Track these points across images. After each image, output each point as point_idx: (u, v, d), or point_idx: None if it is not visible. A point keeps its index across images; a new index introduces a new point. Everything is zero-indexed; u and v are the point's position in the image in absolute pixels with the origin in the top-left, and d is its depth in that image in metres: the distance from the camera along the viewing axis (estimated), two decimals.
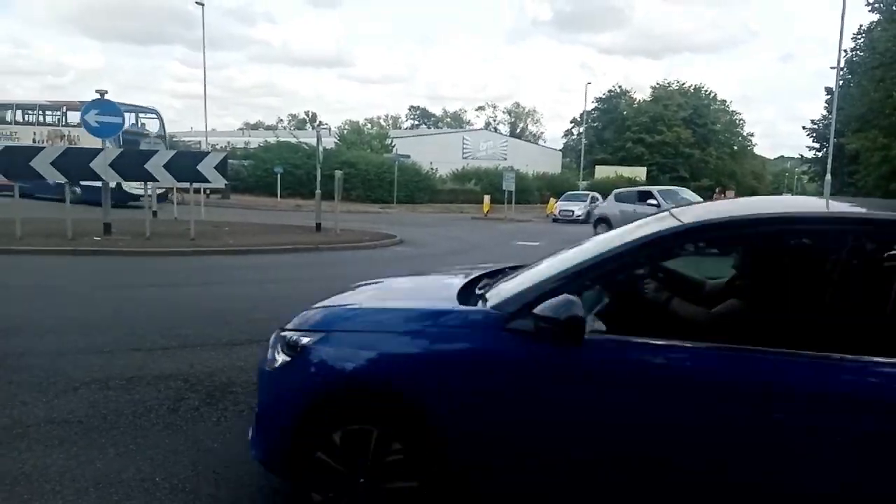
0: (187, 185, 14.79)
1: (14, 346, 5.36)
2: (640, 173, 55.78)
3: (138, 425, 3.88)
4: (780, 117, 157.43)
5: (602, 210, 20.96)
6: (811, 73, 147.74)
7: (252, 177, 35.75)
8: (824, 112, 42.28)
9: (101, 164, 12.67)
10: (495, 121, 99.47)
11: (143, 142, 21.72)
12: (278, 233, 16.02)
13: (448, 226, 23.83)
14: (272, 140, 39.42)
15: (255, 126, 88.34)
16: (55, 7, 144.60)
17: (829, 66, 32.80)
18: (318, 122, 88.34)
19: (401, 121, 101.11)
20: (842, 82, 30.98)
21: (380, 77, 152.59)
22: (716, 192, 38.02)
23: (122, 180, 13.39)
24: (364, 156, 39.26)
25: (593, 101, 70.60)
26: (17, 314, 6.61)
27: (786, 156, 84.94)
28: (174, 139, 37.03)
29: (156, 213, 16.67)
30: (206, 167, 13.73)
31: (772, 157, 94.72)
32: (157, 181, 13.72)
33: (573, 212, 29.27)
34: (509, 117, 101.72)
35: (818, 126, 44.30)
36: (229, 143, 49.45)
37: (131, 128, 22.66)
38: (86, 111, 12.87)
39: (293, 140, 38.32)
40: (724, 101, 72.20)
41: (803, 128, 46.42)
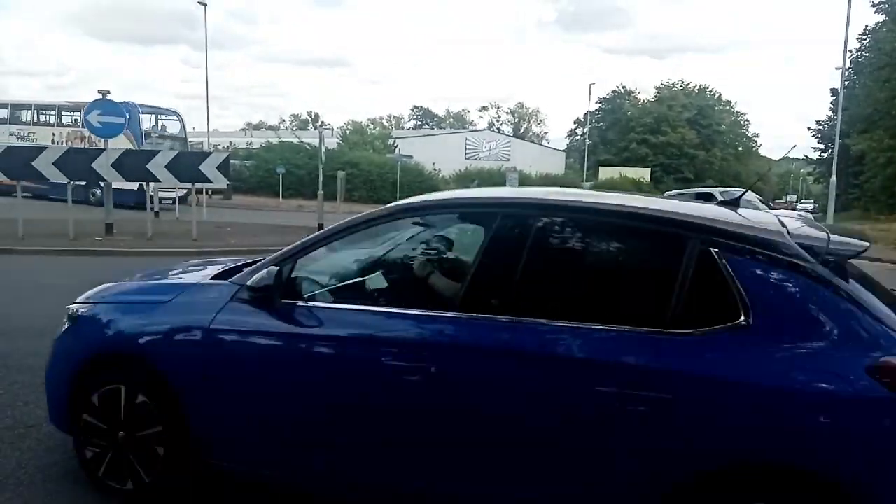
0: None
1: (16, 347, 5.33)
2: (644, 174, 55.70)
3: None
4: (785, 118, 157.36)
5: None
6: (816, 74, 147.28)
7: (254, 177, 35.70)
8: (829, 113, 42.14)
9: (102, 165, 12.65)
10: (498, 121, 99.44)
11: (164, 144, 21.26)
12: (281, 233, 15.95)
13: None
14: (274, 140, 39.42)
15: (257, 126, 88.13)
16: (58, 7, 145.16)
17: (835, 67, 32.66)
18: (320, 122, 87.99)
19: (403, 121, 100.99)
20: (847, 83, 30.85)
21: (382, 77, 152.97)
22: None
23: (123, 180, 13.35)
24: (366, 156, 39.18)
25: (597, 102, 70.45)
26: (18, 314, 6.57)
27: (791, 157, 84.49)
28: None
29: (157, 214, 16.65)
30: (209, 167, 13.69)
31: (777, 158, 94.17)
32: (160, 181, 13.69)
33: None
34: (512, 118, 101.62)
35: (823, 127, 44.17)
36: (231, 143, 49.39)
37: (152, 129, 22.64)
38: (88, 111, 12.84)
39: (295, 140, 38.30)
40: (729, 101, 71.84)
41: (808, 129, 46.40)
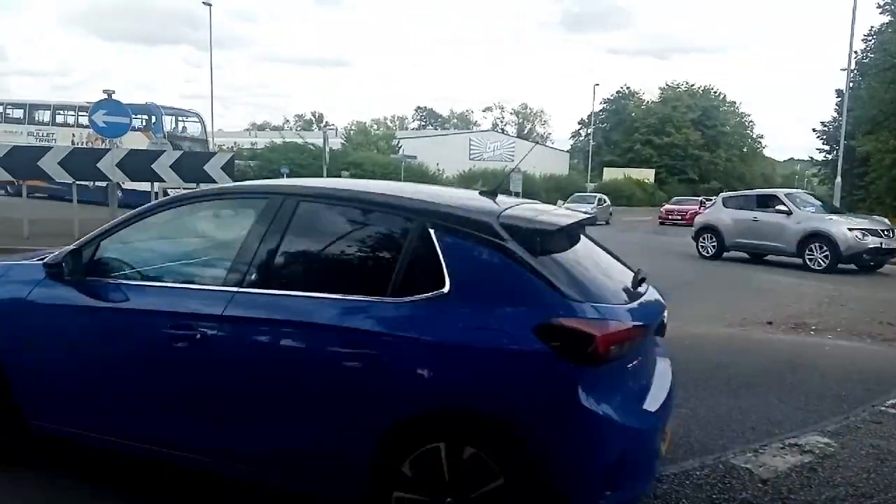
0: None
1: None
2: (648, 175, 55.62)
3: None
4: (789, 119, 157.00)
5: (707, 218, 16.66)
6: (821, 75, 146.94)
7: (258, 177, 35.73)
8: (834, 114, 41.94)
9: (108, 165, 12.68)
10: (502, 122, 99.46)
11: (185, 145, 21.08)
12: None
13: None
14: (278, 141, 39.47)
15: (261, 126, 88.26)
16: (61, 7, 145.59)
17: (840, 68, 32.51)
18: (324, 122, 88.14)
19: (407, 121, 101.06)
20: (852, 84, 30.64)
21: (386, 77, 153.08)
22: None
23: (128, 180, 13.39)
24: (370, 156, 39.23)
25: (601, 103, 70.46)
26: None
27: (796, 158, 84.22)
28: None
29: None
30: (213, 168, 13.72)
31: (781, 159, 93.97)
32: (165, 181, 13.73)
33: None
34: (516, 118, 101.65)
35: (828, 128, 43.91)
36: (236, 143, 49.41)
37: (173, 130, 22.62)
38: (93, 111, 12.85)
39: (299, 141, 38.35)
40: (734, 102, 71.75)
41: (813, 130, 46.03)
